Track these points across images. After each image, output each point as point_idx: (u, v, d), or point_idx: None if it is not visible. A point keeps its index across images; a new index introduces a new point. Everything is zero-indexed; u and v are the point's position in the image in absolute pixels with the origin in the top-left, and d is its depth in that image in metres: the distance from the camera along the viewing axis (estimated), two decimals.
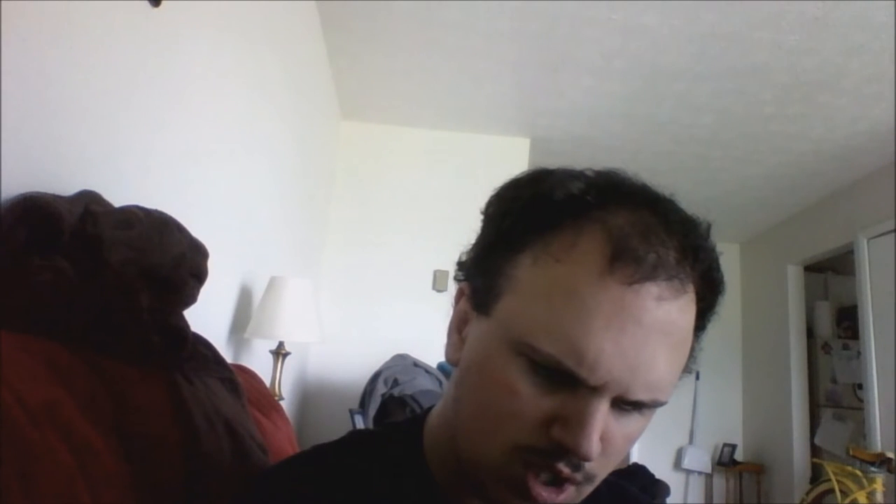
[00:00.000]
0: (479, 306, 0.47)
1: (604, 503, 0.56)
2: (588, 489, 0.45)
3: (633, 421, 0.44)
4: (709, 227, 0.46)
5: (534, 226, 0.44)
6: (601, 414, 0.40)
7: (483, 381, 0.45)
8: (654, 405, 0.43)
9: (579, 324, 0.40)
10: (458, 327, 0.50)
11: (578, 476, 0.42)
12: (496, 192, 0.49)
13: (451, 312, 0.52)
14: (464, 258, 0.51)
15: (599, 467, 0.44)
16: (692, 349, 0.46)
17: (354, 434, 0.58)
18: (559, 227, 0.43)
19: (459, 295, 0.51)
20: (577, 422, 0.40)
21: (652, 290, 0.40)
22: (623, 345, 0.40)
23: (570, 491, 0.43)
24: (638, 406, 0.43)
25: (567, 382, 0.41)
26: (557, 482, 0.43)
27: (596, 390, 0.40)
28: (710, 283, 0.45)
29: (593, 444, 0.40)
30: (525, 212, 0.45)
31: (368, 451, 0.54)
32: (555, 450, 0.41)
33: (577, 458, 0.40)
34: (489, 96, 2.96)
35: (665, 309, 0.41)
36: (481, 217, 0.50)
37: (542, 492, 0.42)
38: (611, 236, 0.41)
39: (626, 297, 0.40)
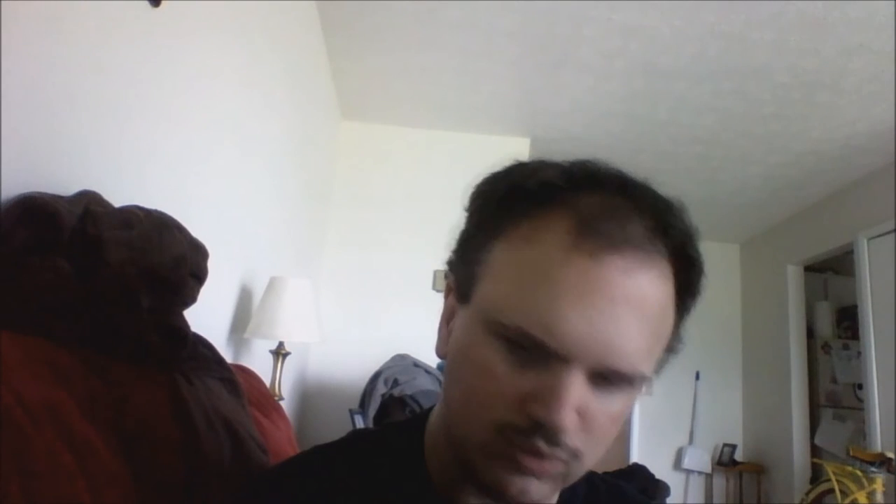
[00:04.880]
0: (461, 296, 0.48)
1: (602, 503, 0.56)
2: (578, 468, 0.44)
3: (615, 399, 0.43)
4: (682, 205, 0.46)
5: (508, 213, 0.45)
6: (575, 387, 0.41)
7: (465, 366, 0.46)
8: (632, 377, 0.43)
9: (546, 296, 0.41)
10: (446, 321, 0.51)
11: (561, 453, 0.42)
12: (475, 186, 0.51)
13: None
14: (450, 258, 0.52)
15: (585, 445, 0.43)
16: (676, 329, 0.46)
17: (354, 434, 0.58)
18: (531, 212, 0.44)
19: (448, 291, 0.52)
20: (550, 394, 0.41)
21: (617, 262, 0.41)
22: (590, 315, 0.40)
23: (556, 463, 0.43)
24: (616, 379, 0.43)
25: (541, 359, 0.41)
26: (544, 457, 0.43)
27: (567, 362, 0.41)
28: (684, 260, 0.45)
29: (565, 415, 0.40)
30: (500, 201, 0.46)
31: (368, 451, 0.54)
32: (532, 426, 0.41)
33: (552, 431, 0.41)
34: (489, 96, 2.96)
35: (632, 280, 0.41)
36: (464, 212, 0.51)
37: (530, 462, 0.42)
38: (577, 215, 0.43)
39: (592, 269, 0.41)
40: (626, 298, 0.41)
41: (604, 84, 2.73)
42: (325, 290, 3.10)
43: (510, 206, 0.45)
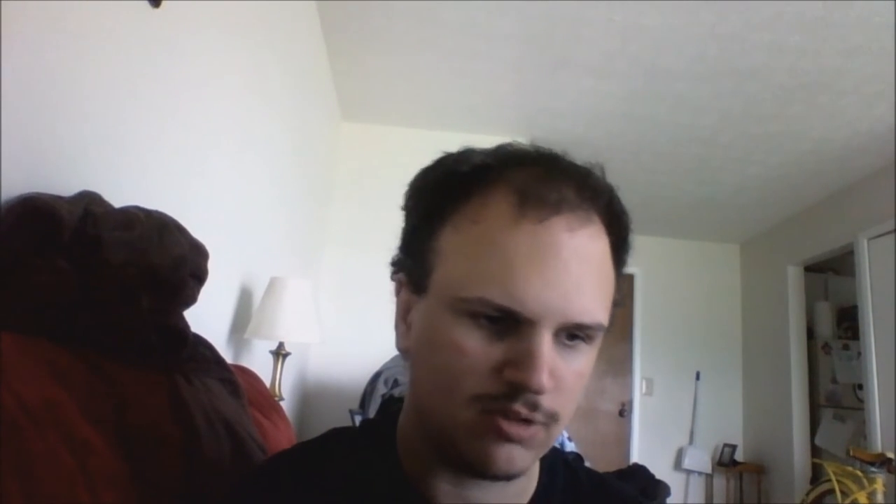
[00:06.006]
0: (417, 288, 0.50)
1: (584, 493, 0.56)
2: (555, 429, 0.46)
3: (578, 355, 0.46)
4: (602, 169, 0.50)
5: (448, 200, 0.48)
6: (546, 347, 0.43)
7: (433, 351, 0.47)
8: (593, 329, 0.45)
9: (503, 266, 0.43)
10: (403, 317, 0.52)
11: (538, 416, 0.44)
12: (409, 184, 0.53)
13: (393, 307, 0.54)
14: (395, 256, 0.54)
15: (558, 405, 0.45)
16: (616, 283, 0.49)
17: (333, 432, 0.59)
18: (470, 194, 0.47)
19: (398, 287, 0.53)
20: (526, 358, 0.42)
21: (561, 222, 0.44)
22: (547, 275, 0.43)
23: (537, 428, 0.44)
24: (580, 334, 0.45)
25: (510, 329, 0.43)
26: (522, 422, 0.44)
27: (535, 325, 0.43)
28: (613, 216, 0.49)
29: (544, 376, 0.42)
30: (438, 190, 0.49)
31: (345, 446, 0.56)
32: (510, 392, 0.43)
33: (531, 393, 0.42)
34: (489, 97, 2.96)
35: (576, 238, 0.44)
36: (403, 212, 0.53)
37: (511, 427, 0.43)
38: (515, 188, 0.45)
39: (539, 233, 0.44)
40: (575, 255, 0.44)
41: (604, 84, 2.73)
42: (325, 290, 3.10)
43: (448, 192, 0.48)
